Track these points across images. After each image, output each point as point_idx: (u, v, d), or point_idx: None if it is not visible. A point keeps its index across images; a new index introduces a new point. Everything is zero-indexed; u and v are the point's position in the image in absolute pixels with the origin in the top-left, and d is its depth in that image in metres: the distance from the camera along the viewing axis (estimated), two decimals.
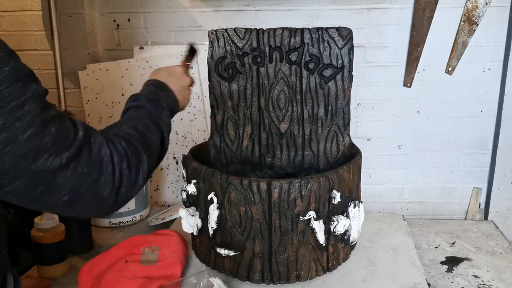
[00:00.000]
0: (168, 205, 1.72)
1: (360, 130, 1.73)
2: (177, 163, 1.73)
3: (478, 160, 1.74)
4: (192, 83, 1.08)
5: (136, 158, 0.75)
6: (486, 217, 1.76)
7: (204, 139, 1.33)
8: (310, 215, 0.98)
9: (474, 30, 1.61)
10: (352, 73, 1.20)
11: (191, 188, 1.07)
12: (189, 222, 1.07)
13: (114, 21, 1.70)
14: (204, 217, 1.06)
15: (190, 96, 1.08)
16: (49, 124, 0.63)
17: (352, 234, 1.07)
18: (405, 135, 1.74)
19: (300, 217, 0.98)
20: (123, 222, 1.44)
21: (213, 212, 1.02)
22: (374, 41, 1.65)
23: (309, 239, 1.01)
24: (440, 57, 1.65)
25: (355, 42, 1.19)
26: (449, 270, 1.27)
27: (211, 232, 1.04)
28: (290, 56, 1.21)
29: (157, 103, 0.92)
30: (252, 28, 1.21)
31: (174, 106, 0.98)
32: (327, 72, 1.20)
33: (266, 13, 1.65)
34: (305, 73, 1.22)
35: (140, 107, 0.90)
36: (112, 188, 0.70)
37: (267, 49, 1.22)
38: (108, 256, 1.13)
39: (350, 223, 1.05)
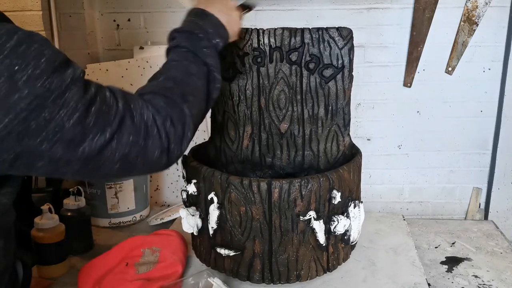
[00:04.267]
0: (168, 205, 1.72)
1: (360, 130, 1.73)
2: (177, 163, 1.73)
3: (478, 160, 1.74)
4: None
5: (178, 113, 0.74)
6: (486, 217, 1.76)
7: (204, 139, 1.33)
8: (310, 215, 0.98)
9: (474, 30, 1.61)
10: (352, 73, 1.20)
11: (191, 188, 1.07)
12: (189, 222, 1.07)
13: (114, 21, 1.70)
14: (204, 217, 1.06)
15: (240, 19, 0.97)
16: (91, 104, 0.65)
17: (352, 234, 1.07)
18: (405, 135, 1.74)
19: (300, 217, 0.98)
20: (123, 222, 1.44)
21: (213, 212, 1.02)
22: (374, 41, 1.65)
23: (309, 239, 1.01)
24: (440, 57, 1.65)
25: (355, 42, 1.19)
26: (449, 270, 1.27)
27: (211, 232, 1.04)
28: (290, 56, 1.21)
29: (195, 36, 0.85)
30: (252, 28, 1.21)
31: (220, 31, 0.90)
32: (327, 72, 1.20)
33: (266, 13, 1.64)
34: (305, 73, 1.22)
35: (177, 47, 0.85)
36: (161, 149, 0.71)
37: (267, 49, 1.22)
38: (108, 257, 1.13)
39: (350, 223, 1.05)
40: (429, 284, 1.12)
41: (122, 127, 0.67)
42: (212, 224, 1.03)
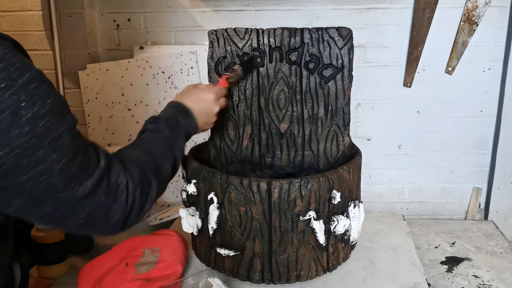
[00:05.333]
0: (168, 205, 1.72)
1: (360, 130, 1.73)
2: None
3: (478, 160, 1.74)
4: (223, 106, 1.09)
5: (147, 186, 0.78)
6: (486, 217, 1.76)
7: (204, 139, 1.33)
8: (310, 215, 0.98)
9: (474, 30, 1.61)
10: (352, 73, 1.20)
11: (191, 188, 1.07)
12: (189, 222, 1.07)
13: (114, 21, 1.70)
14: (204, 217, 1.06)
15: (214, 121, 1.08)
16: (78, 153, 0.66)
17: (352, 234, 1.07)
18: (405, 135, 1.74)
19: (300, 217, 0.98)
20: None
21: (213, 212, 1.02)
22: (374, 41, 1.65)
23: (309, 239, 1.01)
24: (440, 57, 1.65)
25: (355, 42, 1.19)
26: (449, 270, 1.27)
27: (211, 232, 1.04)
28: (290, 56, 1.21)
29: (175, 129, 0.94)
30: (252, 28, 1.21)
31: (193, 132, 1.01)
32: (327, 72, 1.20)
33: (266, 13, 1.65)
34: (305, 73, 1.22)
35: (158, 132, 0.91)
36: (123, 214, 0.73)
37: (267, 49, 1.22)
38: (109, 257, 1.13)
39: (350, 223, 1.05)
40: (429, 284, 1.12)
41: (100, 184, 0.69)
42: (212, 224, 1.03)
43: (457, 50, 1.63)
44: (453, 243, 1.42)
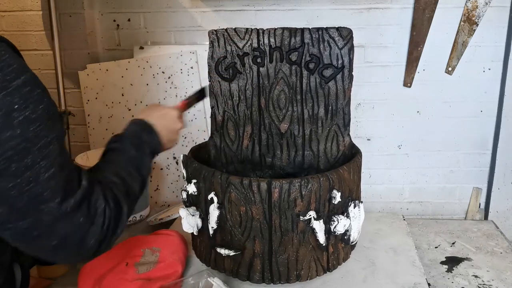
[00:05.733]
0: (168, 205, 1.72)
1: (360, 130, 1.73)
2: (177, 163, 1.74)
3: (478, 160, 1.74)
4: (182, 128, 1.06)
5: (120, 211, 0.75)
6: (486, 217, 1.76)
7: (204, 139, 1.33)
8: (310, 215, 0.98)
9: (474, 30, 1.61)
10: (352, 73, 1.20)
11: (191, 188, 1.07)
12: (189, 222, 1.07)
13: (114, 21, 1.70)
14: (204, 217, 1.06)
15: (178, 139, 1.06)
16: (64, 166, 0.65)
17: (352, 234, 1.07)
18: (405, 135, 1.74)
19: (300, 217, 0.98)
20: None
21: (213, 212, 1.02)
22: (374, 41, 1.65)
23: (309, 239, 1.01)
24: (440, 57, 1.65)
25: (355, 42, 1.19)
26: (449, 270, 1.27)
27: (211, 232, 1.04)
28: (290, 56, 1.21)
29: (140, 148, 0.91)
30: (252, 28, 1.21)
31: (158, 150, 0.97)
32: (327, 72, 1.20)
33: (266, 13, 1.65)
34: (305, 73, 1.22)
35: (124, 151, 0.88)
36: (98, 238, 0.70)
37: (267, 49, 1.22)
38: (109, 257, 1.13)
39: (350, 223, 1.05)
40: (429, 284, 1.12)
41: (82, 205, 0.67)
42: (212, 224, 1.03)
43: (457, 50, 1.63)
44: (453, 243, 1.42)
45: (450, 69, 1.66)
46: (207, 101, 1.26)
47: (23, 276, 0.84)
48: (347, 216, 1.04)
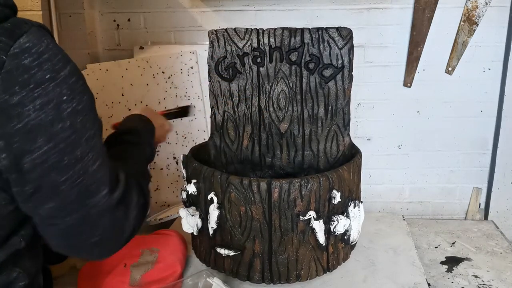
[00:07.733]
0: (168, 205, 1.72)
1: (360, 130, 1.73)
2: (177, 163, 1.73)
3: (478, 160, 1.74)
4: (170, 130, 1.15)
5: (146, 203, 0.77)
6: (486, 217, 1.76)
7: (204, 139, 1.33)
8: (310, 215, 0.98)
9: (474, 30, 1.61)
10: (352, 73, 1.20)
11: (191, 188, 1.07)
12: (189, 222, 1.07)
13: (114, 21, 1.70)
14: (204, 217, 1.06)
15: (167, 128, 1.14)
16: (105, 160, 0.64)
17: (352, 234, 1.07)
18: (405, 135, 1.74)
19: (300, 217, 0.98)
20: None
21: (213, 212, 1.02)
22: (374, 41, 1.65)
23: (309, 239, 1.01)
24: (440, 57, 1.65)
25: (355, 42, 1.19)
26: (449, 270, 1.27)
27: (211, 232, 1.04)
28: (290, 56, 1.21)
29: (150, 144, 0.98)
30: (252, 28, 1.21)
31: (152, 135, 1.03)
32: (327, 72, 1.20)
33: (266, 13, 1.64)
34: (305, 73, 1.22)
35: (139, 146, 0.92)
36: (131, 232, 0.70)
37: (267, 49, 1.22)
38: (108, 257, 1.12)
39: (350, 223, 1.05)
40: (429, 284, 1.12)
41: (124, 199, 0.66)
42: (212, 224, 1.03)
43: (457, 50, 1.63)
44: (453, 243, 1.42)
45: (450, 69, 1.65)
46: (207, 102, 1.26)
47: (46, 281, 0.83)
48: (347, 216, 1.04)
